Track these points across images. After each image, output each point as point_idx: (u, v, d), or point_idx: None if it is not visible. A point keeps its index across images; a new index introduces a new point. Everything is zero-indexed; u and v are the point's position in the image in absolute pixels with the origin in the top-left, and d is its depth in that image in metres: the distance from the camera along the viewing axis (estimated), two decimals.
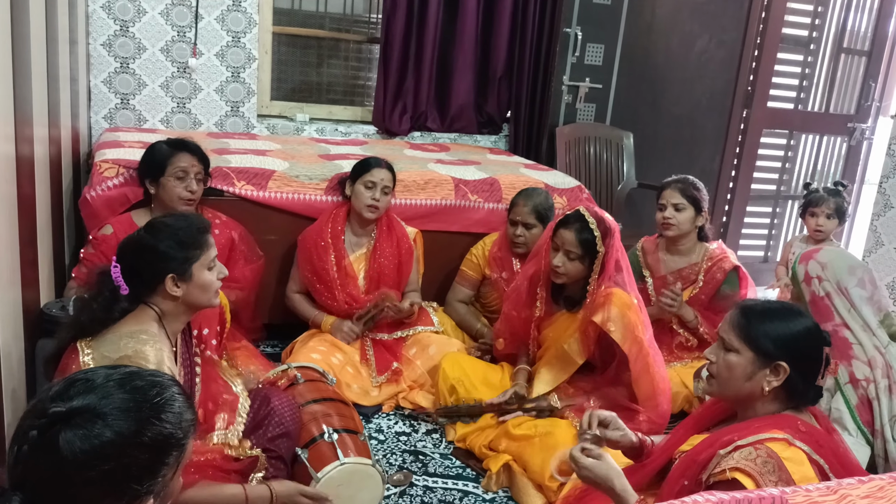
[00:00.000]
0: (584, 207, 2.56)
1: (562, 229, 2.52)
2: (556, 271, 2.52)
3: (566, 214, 2.56)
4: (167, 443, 1.10)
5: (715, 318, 2.97)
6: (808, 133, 5.02)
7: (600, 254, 2.47)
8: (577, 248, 2.48)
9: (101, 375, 1.10)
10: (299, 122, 4.37)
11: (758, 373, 1.63)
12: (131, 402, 1.08)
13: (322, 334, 2.96)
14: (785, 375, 1.60)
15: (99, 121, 3.99)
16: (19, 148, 2.07)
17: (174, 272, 1.78)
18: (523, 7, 4.47)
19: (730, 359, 1.66)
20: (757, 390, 1.63)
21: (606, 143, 4.74)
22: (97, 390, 1.07)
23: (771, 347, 1.61)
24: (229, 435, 1.93)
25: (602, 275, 2.49)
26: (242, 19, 4.10)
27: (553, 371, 2.57)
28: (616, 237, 2.52)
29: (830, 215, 3.33)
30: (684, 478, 1.60)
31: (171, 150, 2.75)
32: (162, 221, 1.88)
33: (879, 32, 4.86)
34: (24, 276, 2.14)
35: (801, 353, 1.62)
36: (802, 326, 1.64)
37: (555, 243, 2.53)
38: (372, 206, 2.97)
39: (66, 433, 1.02)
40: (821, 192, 3.36)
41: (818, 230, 3.36)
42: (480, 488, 2.40)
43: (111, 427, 1.04)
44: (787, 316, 1.66)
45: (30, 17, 2.23)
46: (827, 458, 1.54)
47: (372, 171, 3.00)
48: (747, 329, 1.64)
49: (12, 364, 2.01)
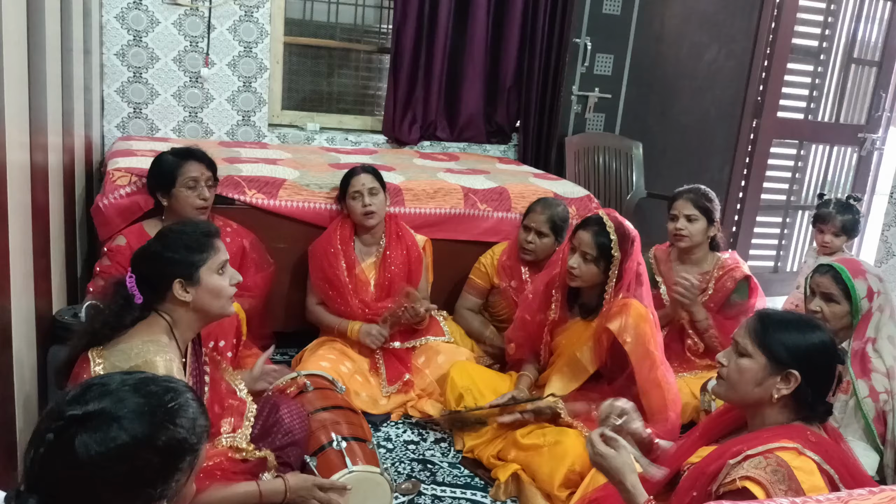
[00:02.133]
0: (604, 212, 2.56)
1: (580, 231, 2.53)
2: (572, 273, 2.51)
3: (587, 217, 2.57)
4: (181, 447, 1.11)
5: (724, 324, 2.95)
6: (819, 143, 5.00)
7: (616, 258, 2.46)
8: (592, 249, 2.47)
9: (116, 380, 1.12)
10: (310, 131, 4.39)
11: (768, 379, 1.62)
12: (146, 406, 1.09)
13: (332, 342, 2.96)
14: (795, 385, 1.60)
15: (112, 130, 4.01)
16: (34, 156, 2.09)
17: (181, 276, 1.79)
18: (533, 17, 4.48)
19: (742, 363, 1.65)
20: (766, 397, 1.62)
21: (616, 152, 4.74)
22: (113, 394, 1.08)
23: (784, 355, 1.61)
24: (238, 438, 1.93)
25: (620, 283, 2.48)
26: (254, 30, 4.13)
27: (564, 379, 2.56)
28: (636, 246, 2.51)
29: (837, 233, 3.32)
30: (693, 489, 1.59)
31: (179, 161, 2.74)
32: (169, 228, 1.90)
33: (889, 43, 4.85)
34: (37, 284, 2.15)
35: (814, 365, 1.61)
36: (818, 339, 1.63)
37: (573, 245, 2.54)
38: (367, 212, 2.97)
39: (82, 436, 1.03)
40: (830, 209, 3.34)
41: (825, 245, 3.36)
42: (489, 498, 2.40)
43: (126, 430, 1.05)
44: (803, 327, 1.66)
45: (45, 28, 2.25)
46: (837, 469, 1.53)
47: (351, 181, 3.01)
48: (763, 335, 1.64)
49: (24, 371, 2.02)
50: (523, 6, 4.45)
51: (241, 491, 1.81)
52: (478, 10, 4.39)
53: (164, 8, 3.96)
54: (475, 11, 4.39)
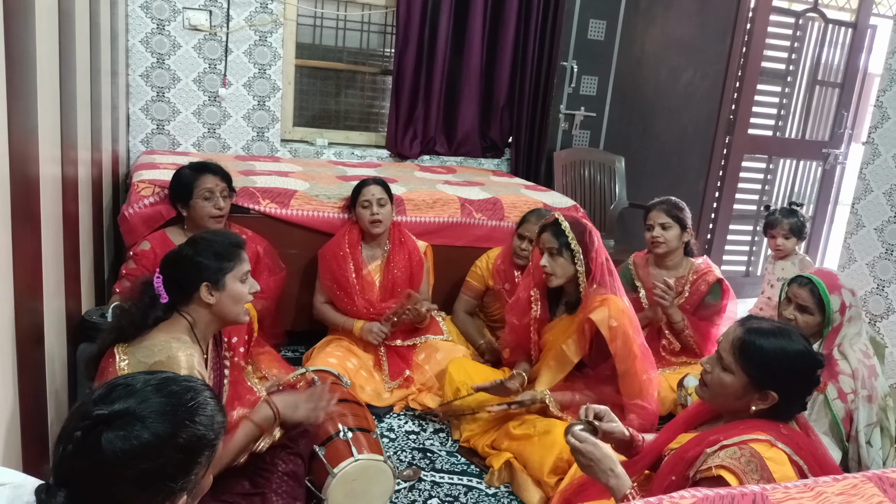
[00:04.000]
0: (558, 213, 2.58)
1: (541, 233, 2.54)
2: (546, 272, 2.51)
3: (543, 221, 2.58)
4: (200, 443, 1.10)
5: (699, 324, 2.96)
6: (786, 158, 5.02)
7: (577, 251, 2.44)
8: (554, 243, 2.47)
9: (139, 381, 1.11)
10: (319, 146, 4.39)
11: (747, 395, 1.60)
12: (168, 405, 1.08)
13: (339, 340, 2.96)
14: (773, 402, 1.58)
15: (136, 144, 4.01)
16: (65, 169, 2.09)
17: (208, 280, 1.79)
18: (524, 42, 4.49)
19: (724, 377, 1.62)
20: (743, 408, 1.61)
21: (600, 166, 4.75)
22: (137, 395, 1.08)
23: (764, 378, 1.57)
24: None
25: (591, 275, 2.46)
26: (268, 53, 4.14)
27: (551, 372, 2.55)
28: (596, 237, 2.49)
29: (787, 235, 3.32)
30: (673, 473, 1.59)
31: (195, 174, 2.75)
32: (201, 236, 1.90)
33: (851, 66, 4.87)
34: (67, 287, 2.15)
35: (793, 383, 1.58)
36: (799, 356, 1.58)
37: (539, 248, 2.54)
38: (374, 220, 2.98)
39: (108, 434, 1.03)
40: (776, 216, 3.34)
41: (778, 249, 3.37)
42: (483, 483, 2.40)
43: (149, 429, 1.05)
44: (785, 344, 1.58)
45: (75, 51, 2.25)
46: (806, 460, 1.52)
47: (363, 191, 3.01)
48: (746, 355, 1.59)
49: (55, 367, 2.01)
50: (515, 32, 4.46)
51: (239, 435, 1.81)
52: (473, 35, 4.40)
53: (185, 33, 3.96)
54: (471, 37, 4.40)
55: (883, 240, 3.16)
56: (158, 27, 3.91)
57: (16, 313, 1.58)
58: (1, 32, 1.43)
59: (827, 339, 2.22)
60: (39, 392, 1.84)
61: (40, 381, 1.84)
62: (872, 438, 2.16)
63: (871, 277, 3.19)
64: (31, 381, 1.72)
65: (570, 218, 2.53)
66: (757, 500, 1.23)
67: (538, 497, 2.27)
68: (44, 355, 1.87)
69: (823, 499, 1.24)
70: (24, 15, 1.60)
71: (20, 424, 1.62)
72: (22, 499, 1.05)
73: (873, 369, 2.22)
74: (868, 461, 2.15)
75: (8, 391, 1.56)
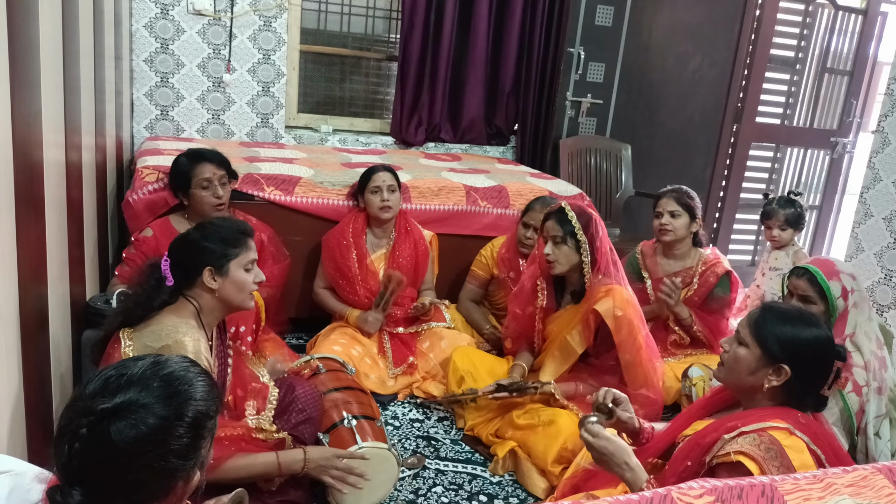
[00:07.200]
0: (564, 201, 2.57)
1: (546, 221, 2.53)
2: (549, 260, 2.50)
3: (548, 209, 2.57)
4: (204, 417, 1.11)
5: (707, 318, 2.94)
6: (794, 146, 4.97)
7: (583, 241, 2.43)
8: (558, 230, 2.46)
9: (134, 368, 1.10)
10: (323, 132, 4.37)
11: (761, 370, 1.60)
12: (168, 388, 1.09)
13: (343, 328, 2.96)
14: (785, 378, 1.58)
15: (140, 130, 4.00)
16: (68, 155, 2.08)
17: (212, 265, 1.79)
18: (530, 28, 4.46)
19: (739, 351, 1.64)
20: (758, 385, 1.61)
21: (606, 154, 4.72)
22: (136, 384, 1.07)
23: (777, 349, 1.58)
24: (262, 420, 1.92)
25: (597, 265, 2.45)
26: (272, 38, 4.11)
27: (556, 363, 2.55)
28: (601, 227, 2.49)
29: (783, 227, 3.29)
30: (688, 459, 1.58)
31: (191, 163, 2.71)
32: (210, 222, 1.90)
33: (860, 54, 4.82)
34: (71, 273, 2.15)
35: (805, 361, 1.58)
36: (813, 336, 1.59)
37: (543, 236, 2.53)
38: (384, 206, 2.97)
39: (116, 424, 1.02)
40: (773, 206, 3.29)
41: (774, 239, 3.33)
42: (488, 472, 2.40)
43: (155, 413, 1.05)
44: (801, 323, 1.61)
45: (79, 36, 2.24)
46: (823, 449, 1.52)
47: (373, 177, 3.00)
48: (760, 328, 1.62)
49: (60, 352, 2.02)
50: (521, 18, 4.43)
51: (260, 460, 1.80)
52: (479, 21, 4.37)
53: (190, 18, 3.94)
54: (477, 23, 4.37)
55: (891, 229, 3.13)
56: (162, 12, 3.89)
57: (20, 299, 1.58)
58: (4, 17, 1.41)
59: (836, 328, 2.20)
60: (44, 378, 1.84)
61: (45, 366, 1.85)
62: (881, 430, 2.15)
63: (879, 267, 3.17)
64: (35, 367, 1.72)
65: (576, 207, 2.52)
66: (766, 490, 1.22)
67: (543, 486, 2.27)
68: (48, 341, 1.87)
69: (833, 490, 1.23)
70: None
71: (25, 410, 1.63)
72: (23, 486, 1.05)
73: (884, 361, 2.21)
74: (876, 453, 2.14)
75: (13, 377, 1.56)
